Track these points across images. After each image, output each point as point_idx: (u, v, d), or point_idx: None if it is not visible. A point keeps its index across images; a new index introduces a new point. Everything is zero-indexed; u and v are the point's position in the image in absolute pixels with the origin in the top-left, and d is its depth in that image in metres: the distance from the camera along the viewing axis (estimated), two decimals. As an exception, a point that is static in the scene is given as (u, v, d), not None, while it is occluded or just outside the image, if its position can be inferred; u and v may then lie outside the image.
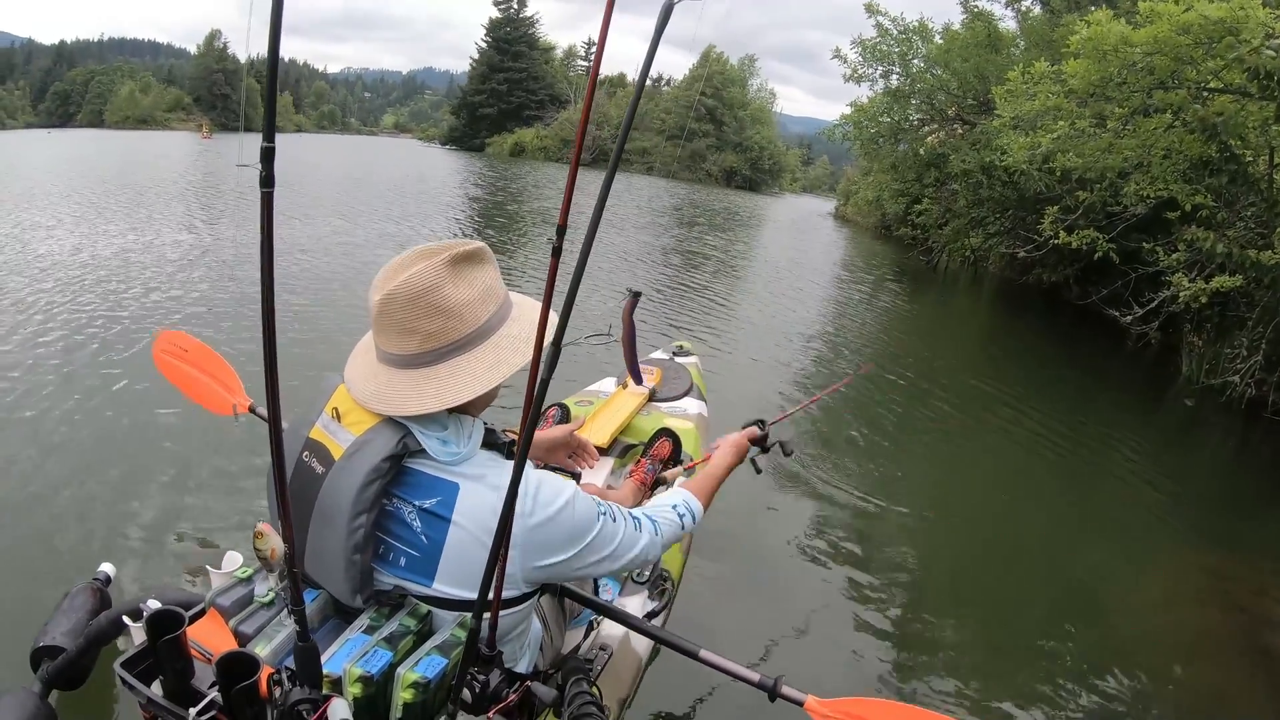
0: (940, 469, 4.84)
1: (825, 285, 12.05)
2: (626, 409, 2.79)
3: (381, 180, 20.48)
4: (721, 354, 6.26)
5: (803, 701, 1.43)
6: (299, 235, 9.17)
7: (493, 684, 1.14)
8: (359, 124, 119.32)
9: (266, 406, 0.90)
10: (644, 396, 2.96)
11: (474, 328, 1.18)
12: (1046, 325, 10.85)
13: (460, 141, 53.53)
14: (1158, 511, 4.52)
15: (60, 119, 65.16)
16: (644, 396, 2.96)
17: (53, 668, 1.70)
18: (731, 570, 3.06)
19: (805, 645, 2.74)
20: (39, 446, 3.15)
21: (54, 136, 36.66)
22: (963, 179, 12.39)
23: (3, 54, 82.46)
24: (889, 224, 20.13)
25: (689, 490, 1.57)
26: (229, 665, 1.00)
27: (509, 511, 1.00)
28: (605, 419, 2.69)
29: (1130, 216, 7.84)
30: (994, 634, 3.06)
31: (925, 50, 12.65)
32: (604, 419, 2.69)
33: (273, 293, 0.82)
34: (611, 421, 2.67)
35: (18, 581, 2.30)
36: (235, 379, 2.46)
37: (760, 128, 48.23)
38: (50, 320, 4.79)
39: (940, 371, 7.17)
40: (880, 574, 3.26)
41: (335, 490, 1.14)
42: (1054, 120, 7.38)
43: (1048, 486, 4.71)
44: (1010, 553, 3.80)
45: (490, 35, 53.50)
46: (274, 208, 0.79)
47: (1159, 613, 3.41)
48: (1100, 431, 5.81)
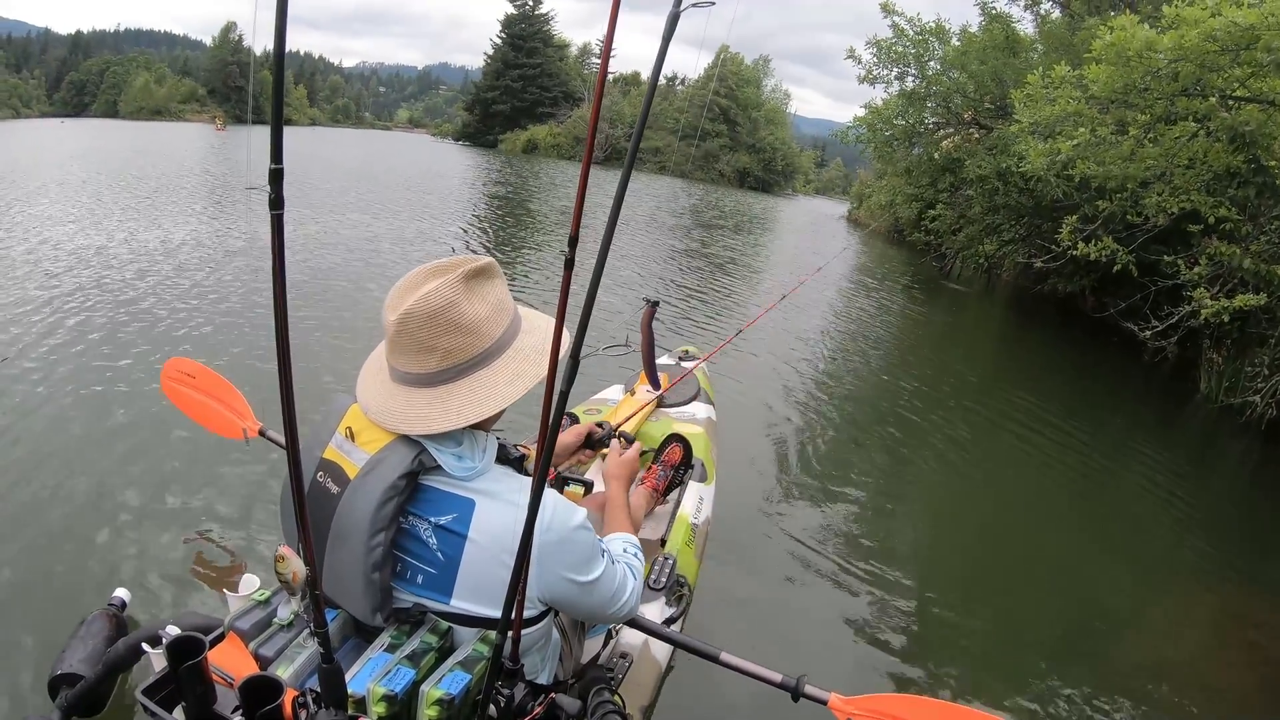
0: (952, 477, 4.76)
1: (835, 291, 11.89)
2: (635, 416, 2.79)
3: (388, 176, 20.41)
4: (726, 359, 6.09)
5: (826, 700, 1.44)
6: (302, 234, 9.07)
7: (518, 698, 1.15)
8: (373, 118, 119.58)
9: (284, 431, 0.89)
10: (653, 403, 2.97)
11: (491, 342, 1.18)
12: (1060, 336, 10.69)
13: (473, 138, 53.49)
14: (1171, 535, 4.38)
15: (75, 109, 65.47)
16: (653, 403, 2.97)
17: (71, 695, 1.68)
18: (747, 572, 3.05)
19: (825, 644, 2.73)
20: (50, 472, 3.08)
21: (66, 126, 36.85)
22: (978, 185, 12.15)
23: (19, 43, 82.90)
24: (902, 229, 19.91)
25: (619, 530, 1.56)
26: (252, 689, 0.99)
27: (531, 524, 0.99)
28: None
29: (1151, 228, 7.62)
30: (1007, 638, 3.06)
31: (942, 52, 12.40)
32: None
33: (286, 317, 0.80)
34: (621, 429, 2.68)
35: (33, 608, 2.27)
36: (244, 403, 2.48)
37: (774, 129, 48.10)
38: (61, 339, 4.61)
39: (952, 381, 7.09)
40: (892, 575, 3.26)
41: (352, 509, 1.14)
42: (1074, 126, 7.17)
43: (1059, 502, 4.61)
44: (1021, 564, 3.75)
45: (505, 31, 53.41)
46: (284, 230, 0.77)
47: (1168, 640, 3.35)
48: (1114, 448, 5.68)
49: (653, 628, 1.60)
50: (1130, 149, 6.82)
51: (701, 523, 2.35)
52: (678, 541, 2.17)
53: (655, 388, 3.02)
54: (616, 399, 3.05)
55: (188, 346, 4.71)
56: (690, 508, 2.34)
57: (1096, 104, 7.01)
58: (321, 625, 1.00)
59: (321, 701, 1.03)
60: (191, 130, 39.79)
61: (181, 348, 4.65)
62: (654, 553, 2.05)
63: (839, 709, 1.42)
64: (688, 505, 2.35)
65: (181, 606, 2.35)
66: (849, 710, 1.41)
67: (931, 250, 15.45)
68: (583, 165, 0.94)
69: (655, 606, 1.88)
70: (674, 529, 2.24)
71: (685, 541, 2.19)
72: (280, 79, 0.72)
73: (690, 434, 2.65)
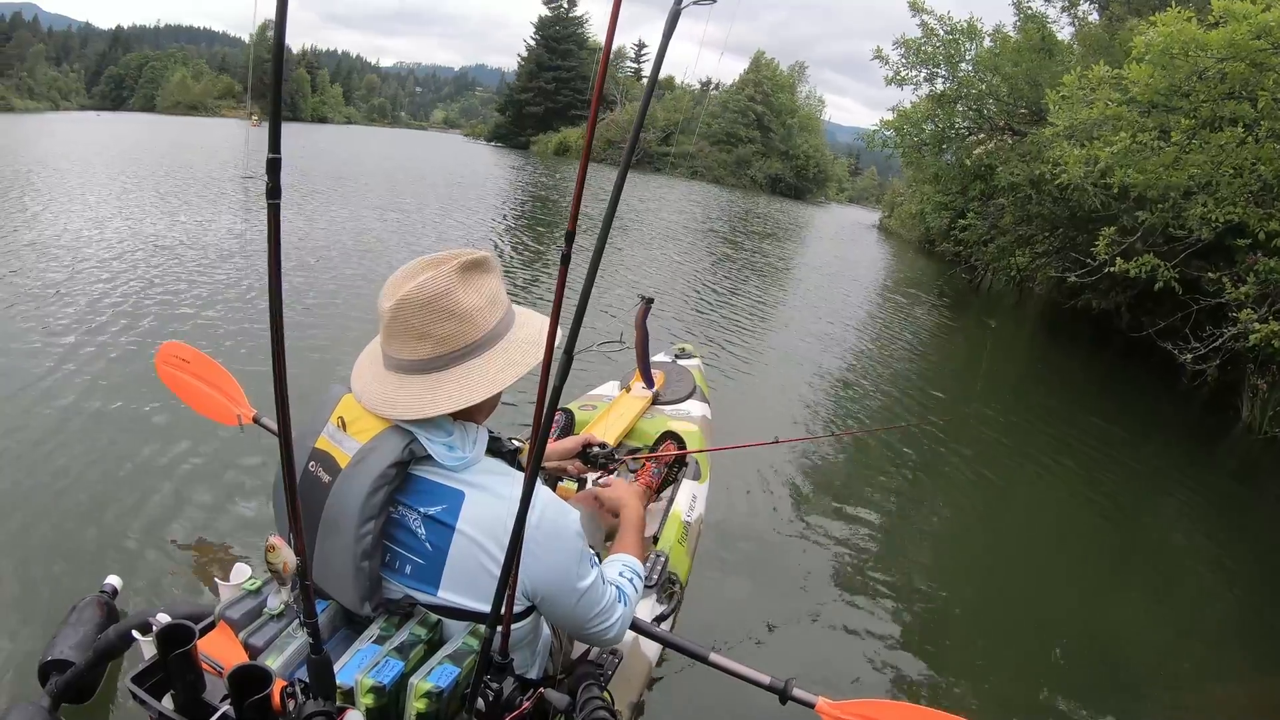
0: (960, 490, 4.52)
1: (860, 302, 11.52)
2: (631, 413, 2.80)
3: (423, 173, 20.44)
4: (744, 371, 6.05)
5: (814, 703, 1.46)
6: (307, 234, 8.99)
7: (506, 692, 1.14)
8: (409, 118, 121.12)
9: (276, 420, 0.88)
10: (648, 400, 2.98)
11: (484, 332, 1.19)
12: (1093, 355, 10.21)
13: (506, 139, 53.76)
14: (1205, 580, 3.99)
15: (113, 103, 66.89)
16: (648, 400, 2.98)
17: (61, 681, 1.68)
18: (739, 572, 3.03)
19: (816, 648, 2.71)
20: (40, 456, 3.03)
21: (102, 119, 37.61)
22: (1010, 193, 11.60)
23: (60, 37, 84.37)
24: (933, 239, 19.39)
25: (627, 551, 1.55)
26: (241, 678, 0.99)
27: (522, 517, 1.01)
28: (610, 423, 2.70)
29: (1195, 242, 7.08)
30: (1007, 652, 2.99)
31: (974, 53, 11.82)
32: (608, 423, 2.70)
33: (281, 304, 0.82)
34: (616, 425, 2.68)
35: (24, 594, 2.25)
36: (238, 389, 2.50)
37: (808, 135, 47.52)
38: (56, 323, 4.58)
39: (972, 394, 6.87)
40: (887, 582, 3.20)
41: (342, 497, 1.15)
42: (1113, 131, 6.68)
43: (1077, 530, 4.28)
44: (1026, 587, 3.57)
45: (539, 33, 53.61)
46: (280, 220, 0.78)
47: (1194, 688, 3.05)
48: (1146, 478, 5.34)
49: (644, 627, 1.62)
50: (1174, 156, 6.32)
51: (694, 521, 2.36)
52: (670, 539, 2.17)
53: (649, 385, 3.03)
54: (612, 395, 3.03)
55: (204, 340, 4.61)
56: (683, 505, 2.34)
57: (1137, 107, 6.52)
58: (311, 616, 1.01)
59: (310, 692, 1.03)
60: (229, 126, 40.36)
61: (193, 337, 4.55)
62: (646, 550, 2.02)
63: (826, 713, 1.43)
64: (681, 503, 2.35)
65: (172, 594, 2.33)
66: (836, 714, 1.42)
67: (961, 261, 14.93)
68: (581, 165, 0.95)
69: (646, 604, 1.88)
70: (666, 526, 2.24)
71: (678, 539, 2.20)
72: (279, 74, 0.76)
73: (685, 431, 2.66)
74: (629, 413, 2.80)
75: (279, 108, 0.75)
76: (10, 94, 48.19)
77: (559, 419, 2.64)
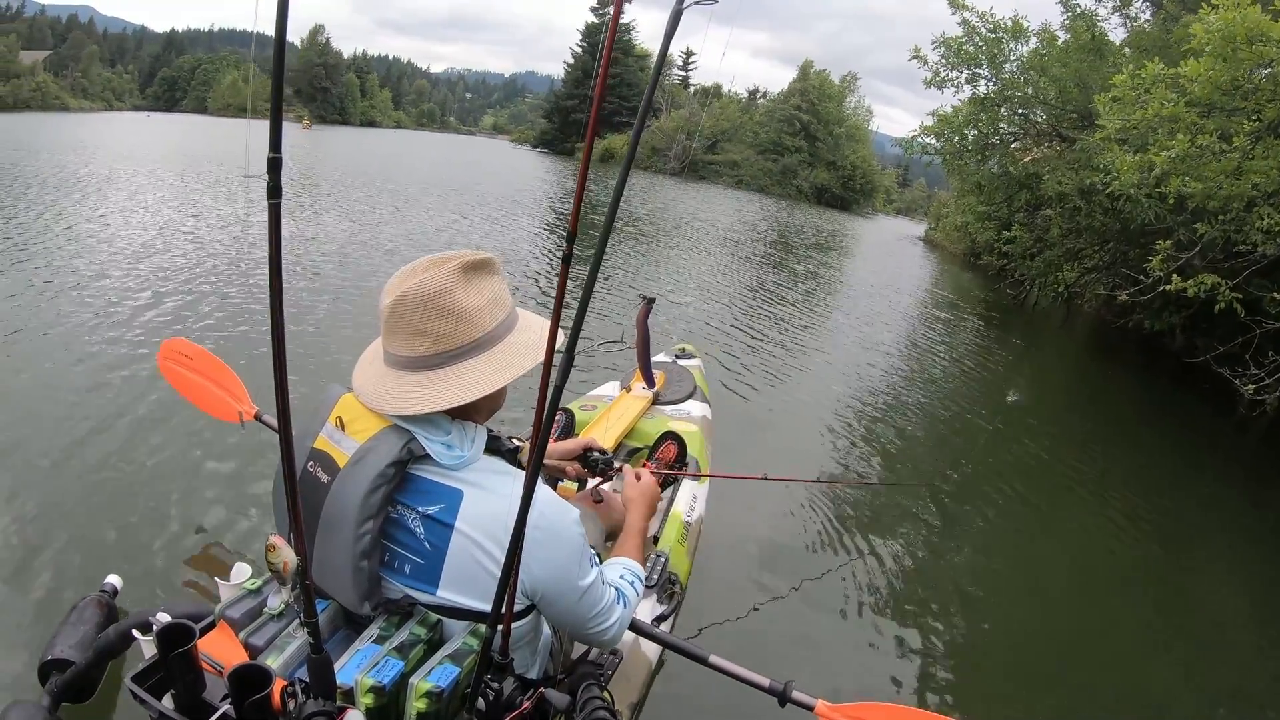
0: (975, 505, 4.34)
1: (893, 310, 11.02)
2: (631, 413, 2.79)
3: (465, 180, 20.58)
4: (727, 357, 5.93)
5: (813, 706, 1.48)
6: (308, 234, 8.89)
7: (506, 692, 1.13)
8: (458, 123, 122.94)
9: (277, 419, 0.88)
10: (648, 400, 2.97)
11: (483, 333, 1.19)
12: (1144, 381, 9.58)
13: (551, 145, 54.03)
14: (1257, 630, 3.59)
15: (166, 104, 68.98)
16: (648, 400, 2.97)
17: (61, 681, 1.68)
18: (740, 572, 3.02)
19: (815, 650, 2.70)
20: (41, 453, 3.01)
21: (152, 120, 38.79)
22: (1058, 204, 10.89)
23: (115, 39, 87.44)
24: (978, 251, 18.65)
25: (628, 555, 1.53)
26: (241, 678, 0.98)
27: (523, 516, 1.00)
28: (610, 423, 2.68)
29: (1260, 258, 6.41)
30: (1010, 658, 2.97)
31: (1019, 53, 11.12)
32: (609, 423, 2.68)
33: (281, 303, 0.82)
34: (616, 425, 2.66)
35: (24, 593, 2.25)
36: (240, 386, 2.49)
37: (855, 145, 46.78)
38: (57, 322, 4.54)
39: (1006, 413, 6.54)
40: (890, 586, 3.19)
41: (341, 497, 1.14)
42: (1169, 134, 6.09)
43: (1121, 563, 4.01)
44: (1049, 605, 3.44)
45: (586, 40, 53.81)
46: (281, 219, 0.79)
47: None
48: (1197, 514, 4.97)
49: (644, 628, 1.62)
50: (1235, 162, 5.70)
51: (694, 521, 2.34)
52: (670, 539, 2.16)
53: (650, 385, 3.03)
54: (613, 395, 3.03)
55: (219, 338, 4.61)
56: (684, 506, 2.33)
57: (1196, 107, 5.92)
58: (311, 615, 1.02)
59: (310, 691, 1.03)
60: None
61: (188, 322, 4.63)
62: (646, 550, 2.00)
63: (825, 715, 1.45)
64: (681, 503, 2.34)
65: (173, 594, 2.33)
66: (835, 717, 1.43)
67: (1006, 276, 14.21)
68: (581, 165, 0.96)
69: (646, 604, 1.87)
70: (667, 526, 2.23)
71: (678, 539, 2.18)
72: (280, 73, 0.77)
73: (685, 432, 2.64)
74: (629, 413, 2.78)
75: (279, 108, 0.75)
76: (65, 94, 49.80)
77: (559, 419, 2.62)
